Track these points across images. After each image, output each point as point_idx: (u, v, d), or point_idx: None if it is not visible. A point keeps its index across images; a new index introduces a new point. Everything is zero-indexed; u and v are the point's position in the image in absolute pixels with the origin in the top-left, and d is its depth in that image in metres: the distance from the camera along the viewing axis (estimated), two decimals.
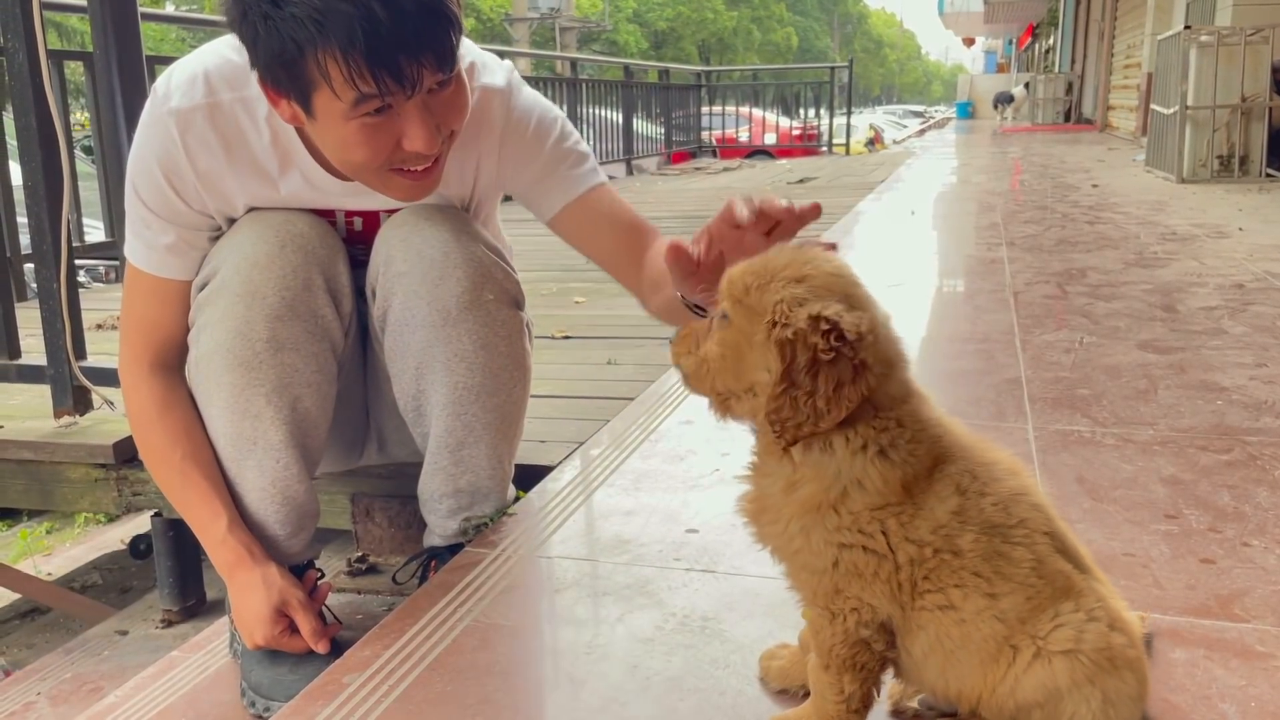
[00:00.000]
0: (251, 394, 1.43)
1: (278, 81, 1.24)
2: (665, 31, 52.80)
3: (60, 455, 2.21)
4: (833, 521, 0.93)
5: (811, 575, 0.96)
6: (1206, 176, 7.40)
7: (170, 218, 1.45)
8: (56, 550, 3.56)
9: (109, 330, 3.31)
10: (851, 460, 0.92)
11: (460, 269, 1.48)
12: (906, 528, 0.92)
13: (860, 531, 0.92)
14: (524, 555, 1.57)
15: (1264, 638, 1.26)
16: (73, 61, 4.79)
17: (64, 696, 2.01)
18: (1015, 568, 0.93)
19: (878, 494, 0.92)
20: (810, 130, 14.01)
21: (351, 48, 1.15)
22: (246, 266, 1.41)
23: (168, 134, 1.40)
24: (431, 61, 1.21)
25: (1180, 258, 4.16)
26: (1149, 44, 11.21)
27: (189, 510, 1.49)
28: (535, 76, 11.16)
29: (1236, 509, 1.66)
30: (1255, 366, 2.50)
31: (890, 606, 0.94)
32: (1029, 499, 0.96)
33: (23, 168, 2.22)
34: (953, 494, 0.93)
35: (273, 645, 1.45)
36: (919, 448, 0.93)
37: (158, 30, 23.15)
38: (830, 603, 0.96)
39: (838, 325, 0.87)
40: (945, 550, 0.93)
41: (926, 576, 0.93)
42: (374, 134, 1.25)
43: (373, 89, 1.19)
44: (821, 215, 1.19)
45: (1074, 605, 0.93)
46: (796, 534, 0.95)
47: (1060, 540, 0.97)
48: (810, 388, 0.87)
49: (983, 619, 0.93)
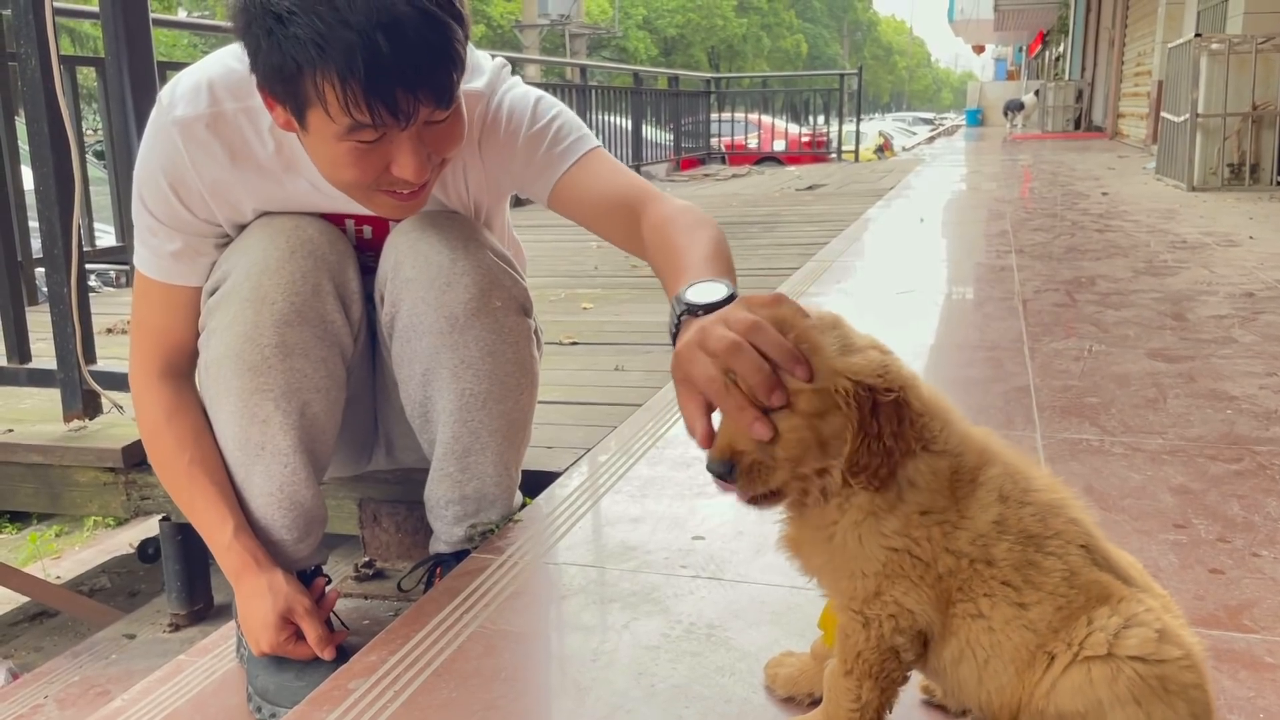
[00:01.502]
0: (260, 399, 1.43)
1: (275, 93, 1.24)
2: (675, 38, 52.88)
3: (69, 459, 2.22)
4: (890, 525, 0.93)
5: (853, 579, 0.96)
6: (1217, 185, 7.38)
7: (176, 225, 1.46)
8: (65, 553, 3.57)
9: (119, 334, 3.32)
10: (899, 463, 0.93)
11: (468, 275, 1.48)
12: (948, 538, 0.93)
13: (910, 536, 0.93)
14: (530, 561, 1.57)
15: (1273, 649, 1.26)
16: (85, 67, 4.82)
17: (72, 700, 2.02)
18: (1046, 577, 0.92)
19: (928, 489, 0.92)
20: (819, 137, 14.02)
21: (350, 75, 1.14)
22: (256, 272, 1.42)
23: (172, 143, 1.40)
24: (429, 98, 1.20)
25: (1190, 266, 4.14)
26: (1159, 51, 11.19)
27: (196, 515, 1.50)
28: (545, 82, 11.18)
29: (1246, 519, 1.65)
30: (1265, 376, 2.49)
31: (933, 613, 0.94)
32: (1068, 512, 0.95)
33: (34, 172, 2.23)
34: (995, 501, 0.93)
35: (278, 652, 1.45)
36: (952, 438, 0.94)
37: (169, 36, 23.29)
38: (867, 606, 0.95)
39: (887, 370, 0.92)
40: (980, 560, 0.92)
41: (960, 587, 0.93)
42: (363, 157, 1.25)
43: (367, 119, 1.18)
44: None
45: (1110, 610, 0.91)
46: (850, 542, 0.95)
47: (1100, 554, 0.95)
48: (879, 431, 0.90)
49: (1011, 628, 0.92)
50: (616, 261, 4.82)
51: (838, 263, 4.47)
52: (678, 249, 1.34)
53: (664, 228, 1.42)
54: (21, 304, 2.52)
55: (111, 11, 2.06)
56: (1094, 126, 19.14)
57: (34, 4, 2.14)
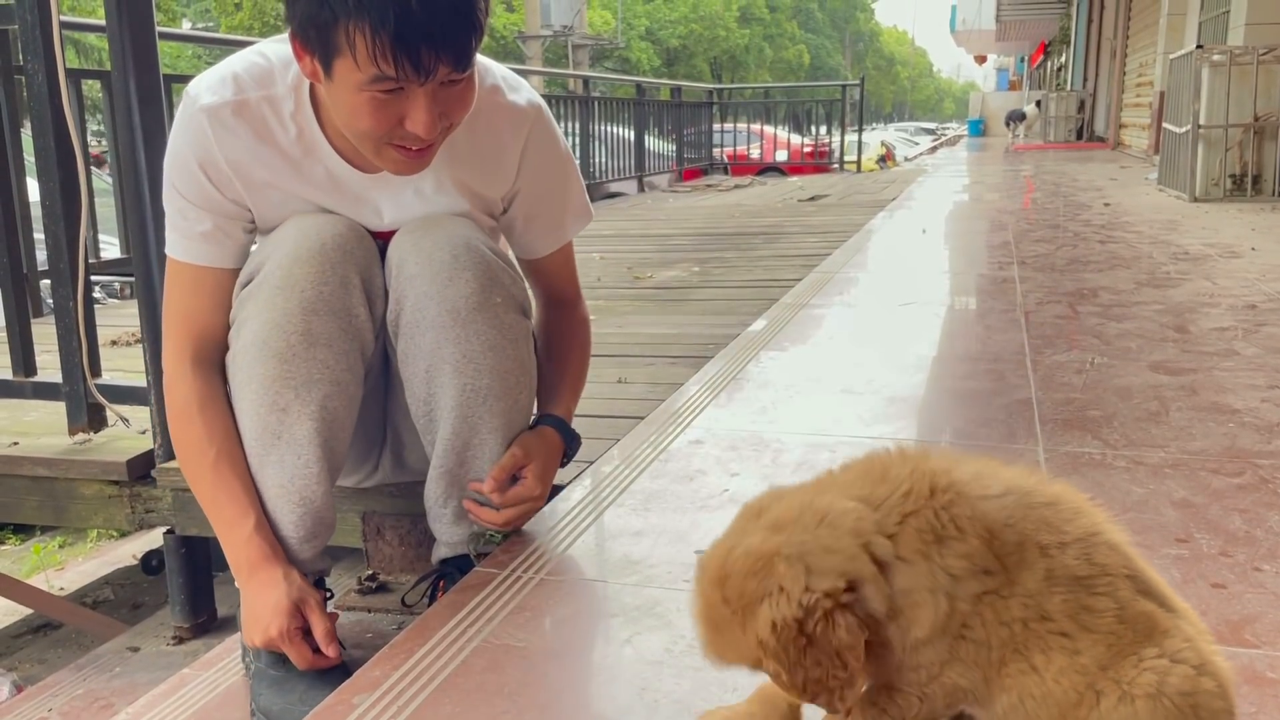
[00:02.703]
0: (282, 386, 1.46)
1: (307, 39, 1.32)
2: (677, 49, 53.00)
3: (74, 472, 2.22)
4: (952, 629, 0.91)
5: (909, 671, 0.95)
6: (1219, 196, 7.38)
7: (206, 205, 1.52)
8: (69, 565, 3.58)
9: (124, 347, 3.34)
10: (927, 572, 0.90)
11: (469, 270, 1.52)
12: (1000, 613, 0.91)
13: (965, 627, 0.91)
14: (533, 576, 1.58)
15: (1274, 664, 1.26)
16: (90, 80, 4.84)
17: (75, 713, 2.02)
18: (1099, 619, 0.90)
19: (971, 573, 0.90)
20: (822, 147, 14.03)
21: (381, 28, 1.24)
22: (288, 262, 1.47)
23: (200, 128, 1.47)
24: (450, 58, 1.30)
25: (1192, 278, 4.15)
26: (1161, 62, 11.21)
27: (217, 507, 1.51)
28: (548, 94, 11.21)
29: (1248, 533, 1.65)
30: (1268, 389, 2.50)
31: (980, 685, 0.94)
32: (1104, 538, 0.94)
33: (40, 186, 2.25)
34: (1039, 557, 0.91)
35: (281, 645, 1.45)
36: (961, 513, 0.91)
37: (174, 48, 23.36)
38: (923, 688, 0.95)
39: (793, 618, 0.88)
40: (1034, 619, 0.91)
41: (1015, 650, 0.92)
42: (381, 108, 1.34)
43: (391, 71, 1.28)
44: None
45: (1158, 650, 0.90)
46: (924, 656, 0.93)
47: (1142, 579, 0.94)
48: (818, 663, 0.88)
49: (1065, 675, 0.91)
50: (619, 273, 4.83)
51: (840, 274, 4.48)
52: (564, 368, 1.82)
53: (563, 342, 1.83)
54: (27, 317, 2.53)
55: (118, 25, 2.07)
56: (1096, 137, 19.16)
57: (41, 19, 2.16)
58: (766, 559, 0.90)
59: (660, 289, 4.47)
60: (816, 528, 0.91)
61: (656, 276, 4.78)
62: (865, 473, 0.97)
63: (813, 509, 0.93)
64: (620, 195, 10.41)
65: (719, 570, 0.93)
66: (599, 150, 10.03)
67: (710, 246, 5.85)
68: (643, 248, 5.94)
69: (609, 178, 10.31)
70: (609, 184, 10.32)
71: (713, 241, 6.10)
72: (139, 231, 2.05)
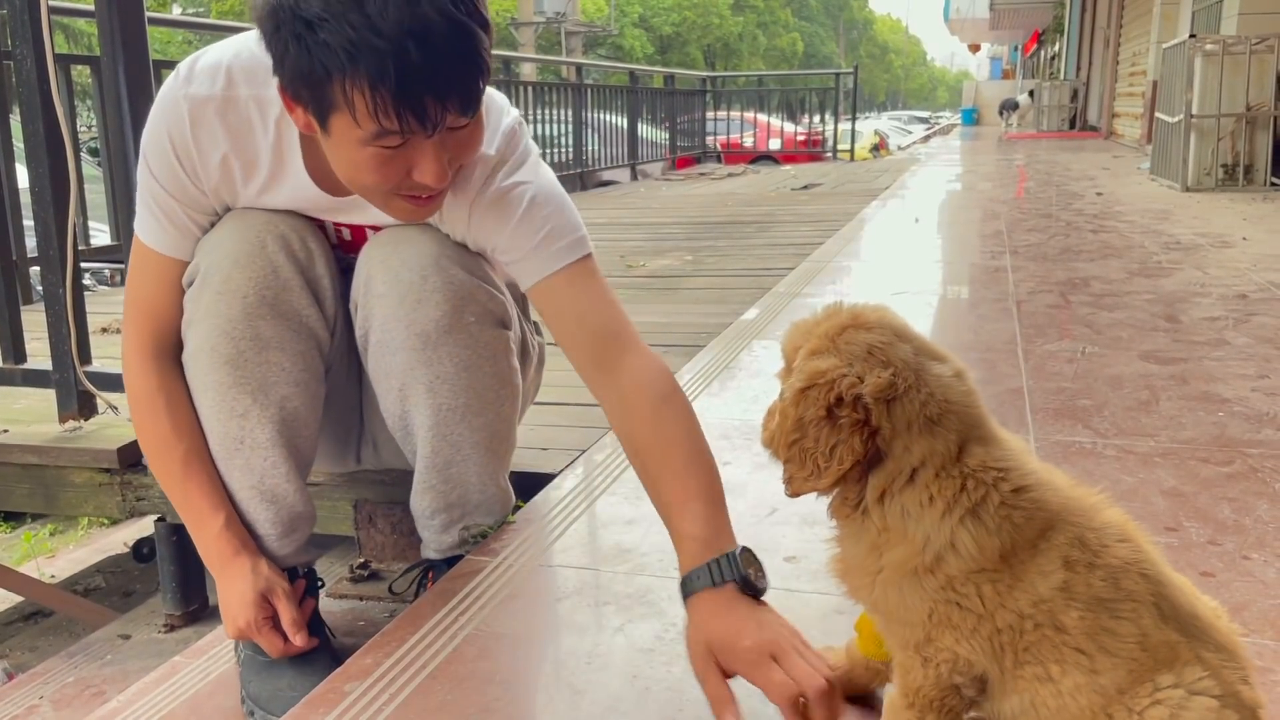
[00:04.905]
0: (238, 392, 1.44)
1: (299, 96, 1.22)
2: (670, 36, 52.86)
3: (65, 459, 2.22)
4: (930, 584, 0.93)
5: (903, 626, 0.96)
6: (1211, 185, 7.40)
7: (177, 194, 1.46)
8: (60, 553, 3.57)
9: (113, 334, 3.32)
10: (940, 524, 0.92)
11: (439, 293, 1.47)
12: (1003, 596, 0.92)
13: (955, 591, 0.92)
14: (525, 564, 1.58)
15: (1262, 652, 1.27)
16: (79, 65, 4.81)
17: (67, 700, 2.02)
18: (1120, 643, 0.90)
19: (972, 560, 0.91)
20: (815, 136, 14.03)
21: (380, 84, 1.13)
22: (227, 264, 1.42)
23: (180, 115, 1.41)
24: (456, 106, 1.19)
25: (1184, 267, 4.16)
26: (1154, 52, 11.23)
27: (188, 503, 1.49)
28: (541, 82, 11.18)
29: (1237, 522, 1.66)
30: (1257, 378, 2.50)
31: (988, 664, 0.94)
32: (1139, 568, 0.94)
33: (30, 173, 2.23)
34: (1058, 569, 0.91)
35: (252, 635, 1.45)
36: (1017, 513, 0.92)
37: (164, 34, 23.22)
38: (923, 649, 0.95)
39: (836, 383, 0.91)
40: (1047, 625, 0.91)
41: (1026, 649, 0.92)
42: (386, 163, 1.24)
43: (394, 126, 1.17)
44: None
45: (1174, 679, 0.90)
46: (891, 594, 0.95)
47: (1171, 605, 0.93)
48: (813, 443, 0.91)
49: (1081, 693, 0.91)
50: (612, 262, 4.83)
51: (832, 263, 4.48)
52: (670, 471, 1.35)
53: (647, 424, 1.39)
54: (16, 304, 2.52)
55: (107, 10, 2.05)
56: (1089, 126, 19.17)
57: (29, 3, 2.14)
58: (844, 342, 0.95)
59: (653, 277, 4.46)
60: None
61: (649, 265, 4.78)
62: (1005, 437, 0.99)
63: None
64: (613, 183, 10.40)
65: (808, 323, 0.98)
66: (592, 138, 10.01)
67: (703, 235, 5.85)
68: (635, 236, 5.93)
69: (602, 166, 10.29)
70: (602, 172, 10.30)
71: (705, 230, 6.10)
72: (129, 218, 2.04)
